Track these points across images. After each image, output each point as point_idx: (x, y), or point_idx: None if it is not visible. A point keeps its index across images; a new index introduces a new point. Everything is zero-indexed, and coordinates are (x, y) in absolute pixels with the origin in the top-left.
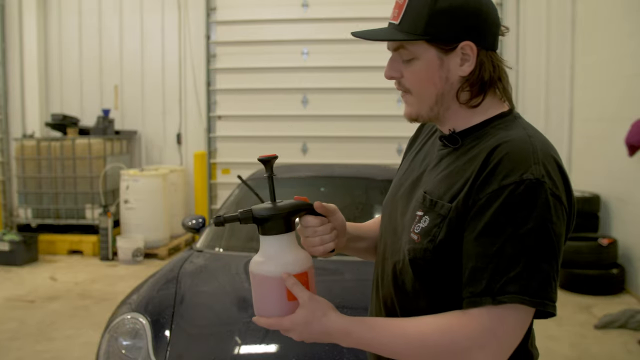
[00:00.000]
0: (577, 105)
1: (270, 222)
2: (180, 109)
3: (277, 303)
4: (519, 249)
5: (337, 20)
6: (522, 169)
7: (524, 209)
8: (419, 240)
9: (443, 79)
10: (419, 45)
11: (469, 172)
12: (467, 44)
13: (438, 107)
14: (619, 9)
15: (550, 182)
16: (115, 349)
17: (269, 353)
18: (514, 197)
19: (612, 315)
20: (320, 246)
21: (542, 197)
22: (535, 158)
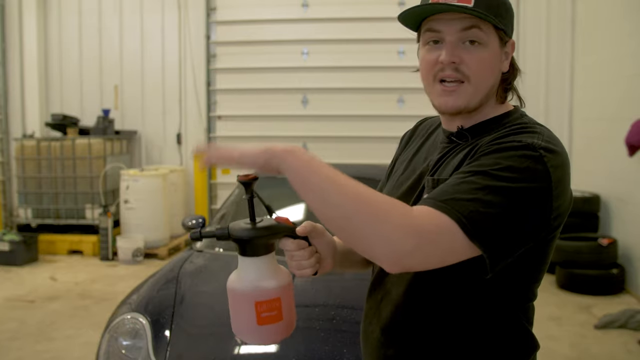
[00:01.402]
0: (577, 105)
1: (247, 245)
2: (180, 109)
3: (247, 324)
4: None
5: (337, 20)
6: (528, 140)
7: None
8: None
9: (498, 70)
10: (490, 30)
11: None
12: (512, 42)
13: (486, 99)
14: (619, 8)
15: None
16: (115, 349)
17: (269, 353)
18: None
19: (612, 315)
20: (297, 271)
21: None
22: (538, 137)
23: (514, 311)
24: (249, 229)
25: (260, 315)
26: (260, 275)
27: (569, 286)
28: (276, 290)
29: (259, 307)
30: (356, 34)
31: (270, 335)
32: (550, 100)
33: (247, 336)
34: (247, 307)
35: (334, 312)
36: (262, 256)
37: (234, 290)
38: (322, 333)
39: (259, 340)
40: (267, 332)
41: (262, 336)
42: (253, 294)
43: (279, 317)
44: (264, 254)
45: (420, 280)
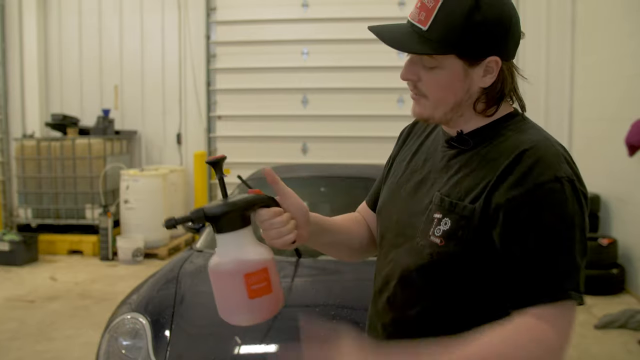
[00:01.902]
0: (577, 105)
1: (223, 220)
2: (180, 109)
3: (238, 302)
4: (565, 245)
5: (337, 20)
6: (555, 169)
7: (562, 205)
8: (443, 243)
9: (464, 89)
10: (446, 56)
11: (490, 173)
12: (494, 59)
13: (452, 114)
14: (619, 9)
15: (578, 181)
16: (115, 349)
17: (269, 353)
18: (552, 194)
19: (612, 315)
20: (279, 239)
21: (575, 195)
22: (560, 159)
23: None
24: (222, 204)
25: (250, 288)
26: (243, 249)
27: None
28: (262, 261)
29: (249, 279)
30: (356, 34)
31: (262, 309)
32: (550, 100)
33: (240, 316)
34: (236, 283)
35: (334, 312)
36: (241, 230)
37: (218, 271)
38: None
39: (252, 317)
40: (260, 305)
41: (254, 311)
42: (240, 268)
43: (269, 289)
44: (241, 227)
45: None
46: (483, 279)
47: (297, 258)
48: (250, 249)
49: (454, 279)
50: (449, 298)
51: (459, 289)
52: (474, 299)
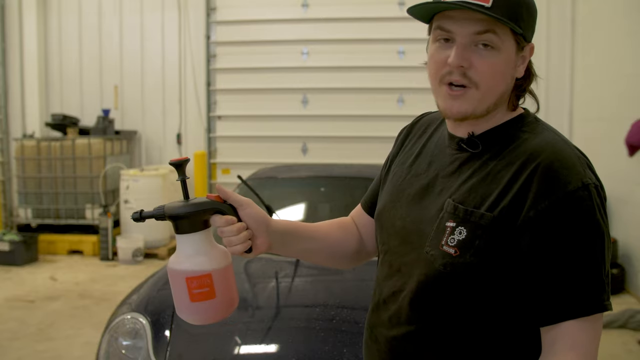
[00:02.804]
0: (577, 105)
1: (180, 221)
2: (180, 109)
3: (182, 302)
4: (598, 255)
5: (337, 20)
6: (581, 175)
7: (593, 213)
8: (457, 253)
9: (512, 77)
10: (507, 34)
11: (506, 179)
12: (532, 46)
13: (494, 107)
14: (619, 8)
15: (601, 186)
16: (115, 349)
17: (269, 353)
18: (582, 203)
19: (612, 315)
20: (229, 247)
21: (601, 201)
22: (582, 162)
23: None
24: (181, 205)
25: (192, 292)
26: (192, 252)
27: None
28: (206, 266)
29: (190, 282)
30: (356, 34)
31: (205, 313)
32: (550, 100)
33: (185, 314)
34: (181, 284)
35: (334, 312)
36: (194, 233)
37: (169, 268)
38: (322, 333)
39: (195, 318)
40: (203, 309)
41: (198, 313)
42: (184, 271)
43: (212, 295)
44: (196, 230)
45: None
46: (498, 291)
47: (297, 258)
48: (200, 252)
49: (469, 291)
50: (463, 311)
51: (474, 301)
52: (487, 311)
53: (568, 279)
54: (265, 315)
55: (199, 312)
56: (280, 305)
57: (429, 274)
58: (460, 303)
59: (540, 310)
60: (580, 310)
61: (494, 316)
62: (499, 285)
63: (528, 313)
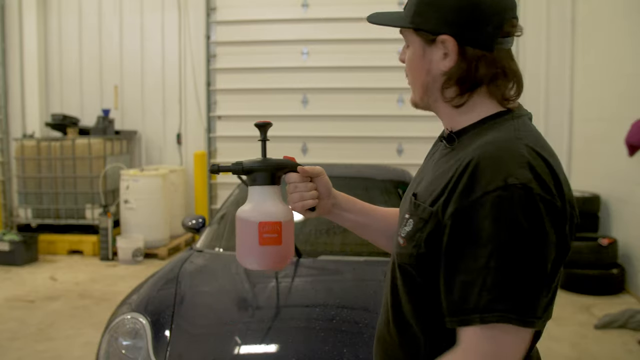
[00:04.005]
0: (577, 105)
1: (256, 173)
2: (180, 109)
3: (250, 246)
4: (507, 262)
5: (337, 20)
6: (506, 173)
7: (511, 217)
8: (404, 244)
9: (425, 70)
10: (410, 33)
11: (449, 175)
12: (446, 39)
13: (427, 98)
14: (619, 8)
15: (539, 186)
16: (115, 349)
17: (269, 353)
18: (499, 205)
19: (612, 315)
20: (299, 202)
21: (530, 204)
22: (520, 161)
23: None
24: (259, 161)
25: (262, 236)
26: (265, 201)
27: (569, 286)
28: (278, 214)
29: (262, 227)
30: (356, 34)
31: (270, 258)
32: (550, 100)
33: (250, 259)
34: (252, 229)
35: (334, 312)
36: (269, 186)
37: (240, 216)
38: (322, 333)
39: (260, 262)
40: (268, 253)
41: (263, 257)
42: (257, 216)
43: (279, 241)
44: (271, 184)
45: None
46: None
47: (297, 258)
48: (272, 203)
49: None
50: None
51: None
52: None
53: (462, 283)
54: (265, 315)
55: (265, 256)
56: (280, 305)
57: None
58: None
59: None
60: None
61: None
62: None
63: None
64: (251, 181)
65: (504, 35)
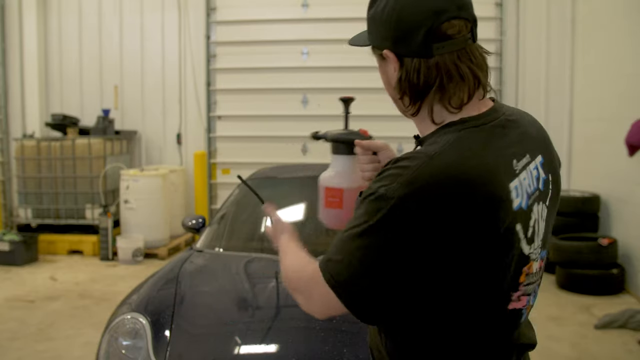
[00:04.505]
0: (577, 106)
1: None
2: (180, 109)
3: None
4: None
5: (337, 20)
6: (384, 183)
7: (365, 215)
8: None
9: (387, 83)
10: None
11: None
12: (387, 53)
13: (401, 110)
14: (619, 8)
15: (412, 206)
16: (115, 349)
17: (269, 353)
18: (363, 203)
19: (612, 315)
20: (359, 173)
21: (385, 213)
22: (408, 178)
23: None
24: (338, 133)
25: (327, 199)
26: (335, 169)
27: (569, 286)
28: (341, 183)
29: (327, 192)
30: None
31: (332, 219)
32: (550, 100)
33: (321, 217)
34: (321, 193)
35: None
36: (338, 155)
37: (319, 180)
38: (322, 333)
39: (325, 220)
40: (331, 215)
41: (327, 217)
42: (325, 183)
43: (339, 205)
44: (340, 154)
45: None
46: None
47: None
48: (341, 172)
49: None
50: None
51: None
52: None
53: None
54: (265, 315)
55: (328, 216)
56: (280, 305)
57: None
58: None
59: None
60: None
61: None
62: None
63: None
64: (332, 150)
65: (441, 39)
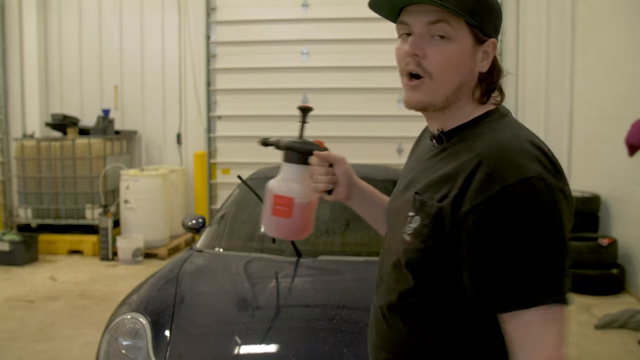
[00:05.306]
0: (577, 106)
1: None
2: (180, 109)
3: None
4: (532, 250)
5: (337, 20)
6: (520, 170)
7: (532, 209)
8: (411, 241)
9: (469, 69)
10: (461, 26)
11: (457, 172)
12: (493, 42)
13: (453, 97)
14: (619, 8)
15: (551, 177)
16: (115, 349)
17: (269, 353)
18: (519, 199)
19: (612, 315)
20: (313, 184)
21: (546, 194)
22: (529, 156)
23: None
24: (291, 141)
25: (275, 207)
26: (289, 179)
27: None
28: (292, 192)
29: (276, 199)
30: (356, 34)
31: (278, 227)
32: (550, 100)
33: (264, 225)
34: (269, 200)
35: (334, 312)
36: (295, 165)
37: (267, 186)
38: (322, 333)
39: (270, 229)
40: (278, 223)
41: (273, 226)
42: (275, 189)
43: (288, 214)
44: (297, 163)
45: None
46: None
47: (297, 258)
48: (292, 180)
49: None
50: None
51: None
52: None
53: (498, 273)
54: (265, 315)
55: (273, 224)
56: (280, 305)
57: (391, 260)
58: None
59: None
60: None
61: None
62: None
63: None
64: (283, 158)
65: None
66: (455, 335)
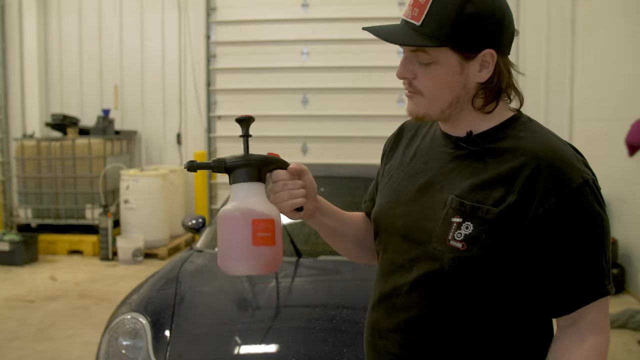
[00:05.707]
0: (577, 106)
1: (240, 170)
2: (180, 109)
3: (242, 248)
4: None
5: (337, 20)
6: (579, 172)
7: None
8: (465, 247)
9: (461, 85)
10: (441, 50)
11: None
12: (489, 52)
13: (450, 110)
14: (619, 8)
15: (595, 177)
16: (115, 349)
17: (269, 353)
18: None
19: (612, 315)
20: (289, 201)
21: (600, 194)
22: (578, 158)
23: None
24: (242, 157)
25: (256, 235)
26: (256, 198)
27: None
28: (271, 212)
29: (256, 225)
30: (356, 34)
31: (263, 260)
32: (550, 100)
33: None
34: (244, 228)
35: (334, 312)
36: (254, 182)
37: (227, 215)
38: (322, 333)
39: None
40: (262, 255)
41: (256, 260)
42: (250, 214)
43: (273, 241)
44: (258, 180)
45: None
46: (504, 283)
47: (297, 258)
48: (259, 201)
49: (476, 283)
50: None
51: (480, 292)
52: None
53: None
54: (265, 315)
55: (258, 258)
56: (280, 305)
57: (435, 268)
58: (467, 294)
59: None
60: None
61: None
62: (504, 277)
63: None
64: (234, 178)
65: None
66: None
